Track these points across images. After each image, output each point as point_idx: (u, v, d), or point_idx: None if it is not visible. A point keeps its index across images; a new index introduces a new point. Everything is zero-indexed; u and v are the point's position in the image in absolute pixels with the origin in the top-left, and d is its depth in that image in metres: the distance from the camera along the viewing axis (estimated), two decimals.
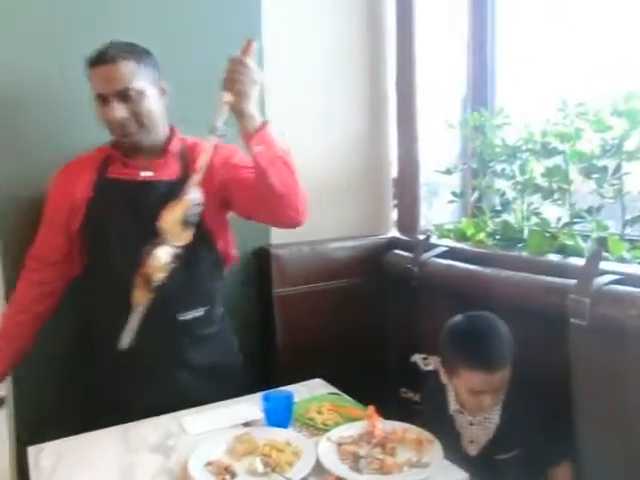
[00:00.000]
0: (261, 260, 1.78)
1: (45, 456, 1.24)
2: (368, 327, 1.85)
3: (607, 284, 1.23)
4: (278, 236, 1.83)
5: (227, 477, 1.10)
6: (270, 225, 1.37)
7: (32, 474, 1.18)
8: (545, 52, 1.84)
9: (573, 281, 1.27)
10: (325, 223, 1.92)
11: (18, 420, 1.57)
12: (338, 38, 1.91)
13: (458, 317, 1.37)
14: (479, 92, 2.05)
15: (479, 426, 1.32)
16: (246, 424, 1.33)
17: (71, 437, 1.32)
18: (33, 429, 1.47)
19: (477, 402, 1.29)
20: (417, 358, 1.65)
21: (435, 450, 1.17)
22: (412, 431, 1.23)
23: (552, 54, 1.82)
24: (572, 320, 1.24)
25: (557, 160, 1.64)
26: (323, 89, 1.90)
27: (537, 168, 1.71)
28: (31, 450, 1.27)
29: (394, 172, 2.07)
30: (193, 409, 1.42)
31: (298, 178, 1.31)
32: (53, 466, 1.20)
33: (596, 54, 1.68)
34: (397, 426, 1.26)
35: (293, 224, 1.35)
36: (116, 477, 1.15)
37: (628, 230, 1.50)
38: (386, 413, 1.32)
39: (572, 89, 1.64)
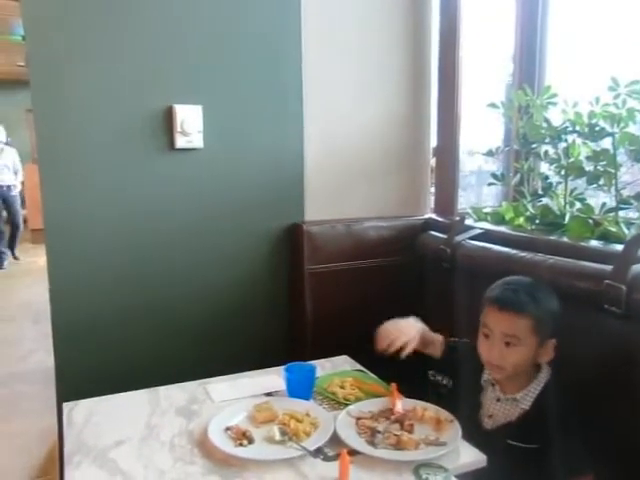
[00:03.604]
0: (294, 236, 1.79)
1: (78, 412, 1.31)
2: (399, 308, 1.82)
3: None
4: (312, 214, 1.84)
5: (244, 442, 1.12)
6: None
7: (65, 428, 1.25)
8: (597, 28, 1.75)
9: (610, 267, 1.22)
10: (362, 203, 1.92)
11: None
12: (379, 14, 1.88)
13: None
14: (526, 72, 1.97)
15: (504, 405, 1.28)
16: (268, 394, 1.35)
17: (105, 396, 1.38)
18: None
19: (487, 347, 1.26)
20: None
21: (453, 430, 1.16)
22: (432, 410, 1.23)
23: (605, 30, 1.73)
24: (606, 307, 1.19)
25: (605, 143, 1.56)
26: (364, 67, 1.88)
27: (583, 151, 1.65)
28: (65, 406, 1.34)
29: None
30: (220, 377, 1.46)
31: None
32: (84, 421, 1.27)
33: None
34: (417, 404, 1.25)
35: None
36: (139, 434, 1.20)
37: None
38: (414, 395, 1.31)
39: (625, 68, 1.56)
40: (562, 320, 1.25)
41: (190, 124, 1.62)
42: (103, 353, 1.66)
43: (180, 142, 1.63)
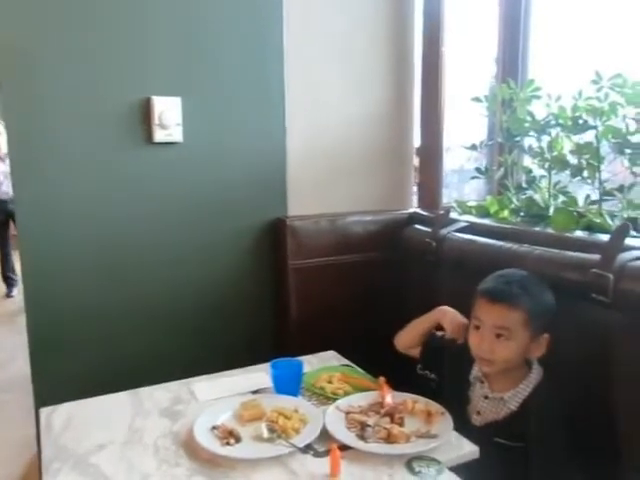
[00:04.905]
0: (277, 231, 1.76)
1: (56, 417, 1.26)
2: (384, 302, 1.82)
3: (632, 260, 1.17)
4: (296, 208, 1.81)
5: (231, 441, 1.09)
6: None
7: (42, 434, 1.19)
8: (580, 22, 1.76)
9: (596, 256, 1.21)
10: (345, 198, 1.90)
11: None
12: (362, 11, 1.85)
13: None
14: (509, 69, 1.97)
15: (492, 403, 1.27)
16: (255, 392, 1.32)
17: (85, 399, 1.33)
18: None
19: (477, 339, 1.24)
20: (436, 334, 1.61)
21: (445, 422, 1.14)
22: (422, 403, 1.21)
23: (587, 25, 1.74)
24: (593, 296, 1.18)
25: (588, 136, 1.57)
26: (347, 62, 1.85)
27: (566, 145, 1.65)
28: (43, 411, 1.28)
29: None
30: (204, 376, 1.42)
31: None
32: (63, 426, 1.22)
33: (634, 23, 1.60)
34: (407, 397, 1.23)
35: None
36: (122, 438, 1.16)
37: None
38: (403, 389, 1.29)
39: (608, 61, 1.57)
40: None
41: (169, 117, 1.58)
42: (82, 355, 1.61)
43: (158, 135, 1.59)
